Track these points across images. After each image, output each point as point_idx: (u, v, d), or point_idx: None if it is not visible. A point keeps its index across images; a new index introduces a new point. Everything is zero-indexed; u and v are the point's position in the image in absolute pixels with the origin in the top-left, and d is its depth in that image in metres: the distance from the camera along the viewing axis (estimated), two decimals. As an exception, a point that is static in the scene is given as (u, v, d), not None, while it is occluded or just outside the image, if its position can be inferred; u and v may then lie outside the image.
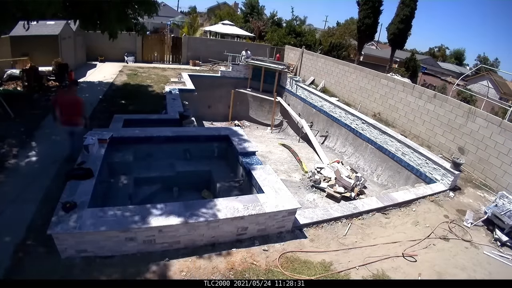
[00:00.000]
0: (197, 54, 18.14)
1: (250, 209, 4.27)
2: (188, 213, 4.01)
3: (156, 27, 30.92)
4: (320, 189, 8.23)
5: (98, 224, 3.61)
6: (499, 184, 7.25)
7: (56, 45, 11.54)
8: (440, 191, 6.81)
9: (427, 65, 32.92)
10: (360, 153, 10.44)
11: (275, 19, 32.12)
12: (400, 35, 23.23)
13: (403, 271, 4.33)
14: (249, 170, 5.53)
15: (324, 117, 12.44)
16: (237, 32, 23.03)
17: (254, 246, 4.34)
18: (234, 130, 7.32)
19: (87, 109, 8.53)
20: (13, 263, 3.57)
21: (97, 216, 3.73)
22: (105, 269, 3.62)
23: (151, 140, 6.47)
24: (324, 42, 26.68)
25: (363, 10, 22.52)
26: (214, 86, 15.10)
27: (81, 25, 7.50)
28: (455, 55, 54.56)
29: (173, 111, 8.62)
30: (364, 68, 12.94)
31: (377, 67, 19.43)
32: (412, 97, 10.22)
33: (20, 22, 6.97)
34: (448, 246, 5.08)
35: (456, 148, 8.52)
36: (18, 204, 4.55)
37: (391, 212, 5.85)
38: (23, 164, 5.61)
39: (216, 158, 7.15)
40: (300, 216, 5.01)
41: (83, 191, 4.15)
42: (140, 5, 7.31)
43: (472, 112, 8.17)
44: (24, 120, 7.38)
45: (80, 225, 3.56)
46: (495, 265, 4.81)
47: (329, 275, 4.02)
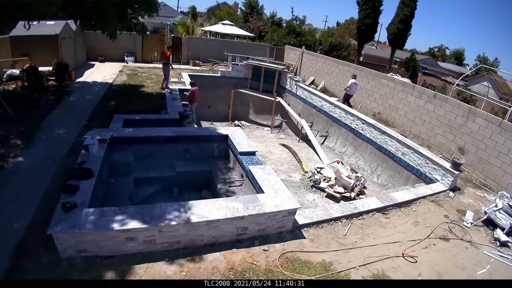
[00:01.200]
0: (197, 54, 18.13)
1: (250, 209, 4.27)
2: (188, 213, 4.01)
3: (156, 27, 30.95)
4: (320, 189, 8.22)
5: (98, 224, 3.61)
6: (499, 184, 7.25)
7: (56, 45, 11.53)
8: (440, 191, 6.81)
9: (427, 65, 32.93)
10: (360, 153, 10.43)
11: (275, 19, 32.12)
12: (400, 35, 23.23)
13: (403, 271, 4.33)
14: (249, 170, 5.53)
15: (324, 117, 12.44)
16: (237, 32, 23.02)
17: (254, 246, 4.34)
18: (234, 130, 7.32)
19: (87, 109, 8.59)
20: (13, 263, 3.57)
21: (97, 216, 3.73)
22: (105, 269, 3.62)
23: (151, 140, 6.47)
24: (324, 42, 26.67)
25: (363, 10, 22.53)
26: (214, 86, 15.09)
27: (81, 25, 7.52)
28: (455, 55, 54.56)
29: (173, 111, 8.62)
30: (364, 68, 12.93)
31: (377, 67, 19.42)
32: (412, 97, 10.21)
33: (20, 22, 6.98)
34: (448, 246, 5.08)
35: (456, 148, 8.52)
36: (18, 203, 4.55)
37: (391, 212, 5.85)
38: (23, 164, 5.61)
39: (216, 158, 7.15)
40: (300, 216, 5.01)
41: (83, 191, 4.15)
42: (140, 5, 7.32)
43: (472, 112, 8.16)
44: (24, 120, 7.39)
45: (80, 225, 3.56)
46: (495, 265, 4.81)
47: (329, 275, 4.02)
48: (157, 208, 4.05)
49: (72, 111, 8.40)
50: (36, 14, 5.61)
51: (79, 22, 7.34)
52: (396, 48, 24.82)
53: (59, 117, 7.96)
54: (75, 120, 7.72)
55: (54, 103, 8.90)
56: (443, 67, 39.10)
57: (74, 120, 7.69)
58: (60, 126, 7.35)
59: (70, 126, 7.34)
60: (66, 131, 7.10)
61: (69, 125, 7.41)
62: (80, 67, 14.00)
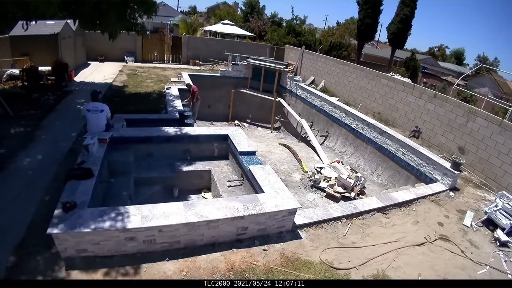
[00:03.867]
0: (197, 53, 18.13)
1: (250, 209, 4.27)
2: (188, 213, 4.01)
3: (156, 27, 30.93)
4: (320, 189, 8.22)
5: (98, 224, 3.61)
6: (499, 184, 7.24)
7: (56, 45, 11.53)
8: (440, 191, 6.81)
9: (427, 65, 32.85)
10: (360, 153, 10.43)
11: (275, 19, 32.11)
12: (400, 35, 23.23)
13: (403, 271, 4.33)
14: (249, 170, 5.53)
15: (324, 117, 12.44)
16: (237, 31, 23.02)
17: (254, 246, 4.34)
18: (234, 130, 7.32)
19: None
20: (13, 263, 3.57)
21: (97, 216, 3.73)
22: (105, 269, 3.62)
23: (151, 140, 6.47)
24: (324, 41, 26.64)
25: (363, 10, 22.54)
26: (214, 86, 15.08)
27: (81, 25, 7.51)
28: (455, 55, 54.50)
29: (173, 111, 8.62)
30: (364, 68, 12.93)
31: (377, 66, 19.42)
32: (412, 96, 10.21)
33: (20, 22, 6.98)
34: (448, 245, 5.08)
35: (456, 148, 8.52)
36: (18, 203, 4.54)
37: (391, 212, 5.85)
38: (23, 164, 5.61)
39: (216, 158, 7.14)
40: (300, 216, 5.01)
41: (83, 191, 4.15)
42: (139, 5, 7.32)
43: (472, 112, 8.16)
44: (24, 120, 7.38)
45: (80, 225, 3.55)
46: (495, 265, 4.81)
47: (329, 275, 4.02)
48: (157, 208, 4.04)
49: (72, 111, 8.40)
50: (36, 14, 5.61)
51: (79, 22, 7.34)
52: (396, 47, 24.81)
53: (59, 117, 7.95)
54: (75, 120, 7.72)
55: (54, 103, 8.90)
56: (443, 66, 39.05)
57: (74, 120, 7.68)
58: (60, 126, 7.36)
59: (70, 126, 7.34)
60: (66, 131, 7.09)
61: (69, 125, 7.41)
62: (80, 66, 14.00)
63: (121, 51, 16.16)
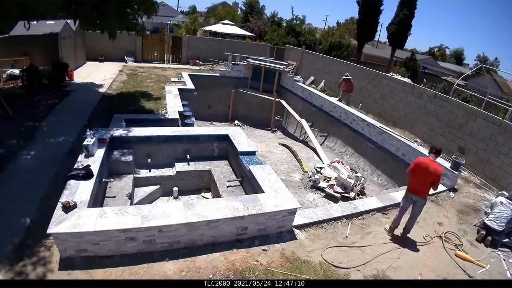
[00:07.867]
0: (197, 54, 18.12)
1: (250, 209, 4.27)
2: (188, 213, 4.01)
3: (156, 27, 30.94)
4: (320, 189, 8.22)
5: (98, 224, 3.61)
6: (499, 184, 7.24)
7: (56, 45, 11.52)
8: (440, 191, 6.80)
9: (427, 65, 32.87)
10: (360, 153, 10.43)
11: (275, 19, 32.11)
12: (400, 34, 23.26)
13: (403, 271, 4.33)
14: (249, 170, 5.53)
15: (324, 117, 12.43)
16: (237, 31, 23.03)
17: (254, 246, 4.34)
18: (234, 130, 7.32)
19: (87, 109, 8.59)
20: (13, 263, 3.57)
21: (97, 216, 3.73)
22: (105, 269, 3.62)
23: (151, 140, 6.47)
24: (324, 41, 26.65)
25: (363, 10, 22.53)
26: (214, 86, 15.08)
27: (81, 25, 7.51)
28: (455, 55, 54.50)
29: (173, 111, 8.62)
30: (365, 68, 12.93)
31: (377, 67, 19.42)
32: (412, 97, 10.21)
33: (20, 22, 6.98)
34: (448, 245, 5.07)
35: (456, 148, 8.51)
36: (18, 203, 4.54)
37: (391, 212, 5.84)
38: (23, 164, 5.61)
39: (216, 158, 7.15)
40: (300, 216, 5.01)
41: (83, 191, 4.15)
42: (139, 5, 7.32)
43: (472, 112, 8.16)
44: (24, 120, 7.38)
45: (80, 225, 3.56)
46: (495, 265, 4.81)
47: (329, 275, 4.02)
48: (157, 208, 4.04)
49: (72, 111, 8.40)
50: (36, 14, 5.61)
51: (79, 22, 7.34)
52: (396, 48, 24.84)
53: (59, 116, 7.95)
54: (75, 119, 7.72)
55: (54, 103, 8.89)
56: (443, 67, 39.05)
57: (74, 120, 7.68)
58: (60, 126, 7.35)
59: (70, 126, 7.33)
60: (66, 131, 7.09)
61: (69, 125, 7.40)
62: (80, 66, 14.00)
63: (121, 51, 16.15)
